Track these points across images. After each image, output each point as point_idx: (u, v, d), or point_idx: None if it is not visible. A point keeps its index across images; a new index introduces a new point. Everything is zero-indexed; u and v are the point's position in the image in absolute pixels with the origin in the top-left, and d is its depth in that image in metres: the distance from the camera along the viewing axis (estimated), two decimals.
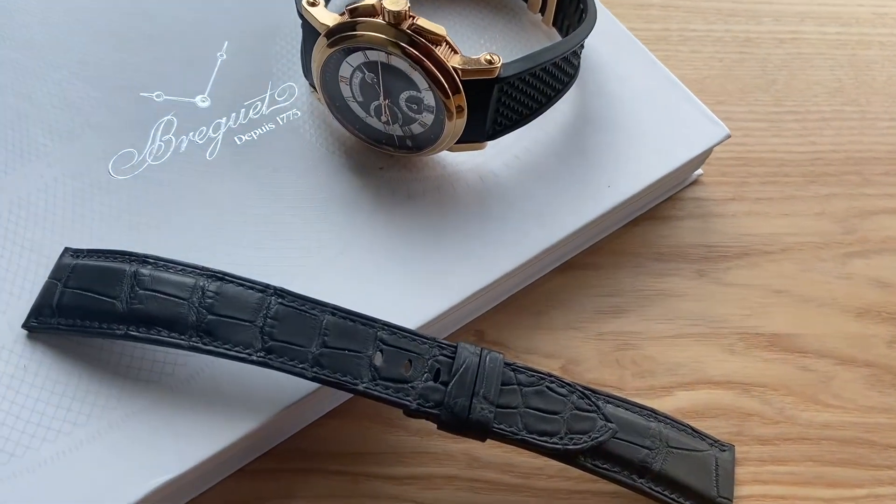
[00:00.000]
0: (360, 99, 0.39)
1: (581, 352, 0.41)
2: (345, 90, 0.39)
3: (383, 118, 0.39)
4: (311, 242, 0.39)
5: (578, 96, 0.44)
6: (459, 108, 0.37)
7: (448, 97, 0.36)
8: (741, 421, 0.40)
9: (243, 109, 0.42)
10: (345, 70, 0.37)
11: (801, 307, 0.43)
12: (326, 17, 0.36)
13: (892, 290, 0.44)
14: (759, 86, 0.51)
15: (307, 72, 0.41)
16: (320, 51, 0.37)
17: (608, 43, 0.45)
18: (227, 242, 0.38)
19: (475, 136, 0.39)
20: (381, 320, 0.34)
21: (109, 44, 0.43)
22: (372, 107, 0.39)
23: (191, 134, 0.41)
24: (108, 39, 0.43)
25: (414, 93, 0.37)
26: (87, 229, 0.38)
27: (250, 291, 0.34)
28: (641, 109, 0.44)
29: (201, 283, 0.34)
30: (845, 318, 0.43)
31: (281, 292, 0.34)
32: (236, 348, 0.33)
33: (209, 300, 0.33)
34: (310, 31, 0.37)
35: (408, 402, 0.33)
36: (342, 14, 0.36)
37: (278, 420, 0.35)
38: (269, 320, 0.33)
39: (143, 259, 0.35)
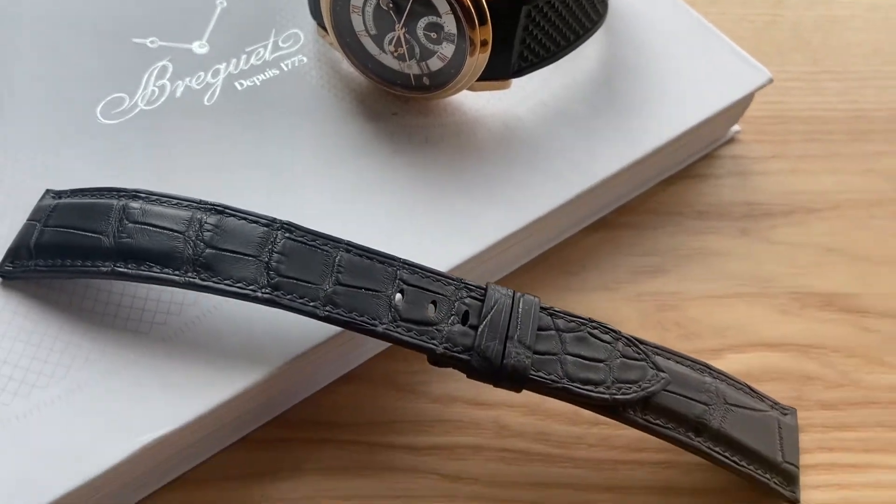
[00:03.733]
0: (373, 32, 0.35)
1: (620, 313, 0.37)
2: (356, 22, 0.35)
3: (398, 52, 0.36)
4: (323, 185, 0.35)
5: (607, 43, 0.41)
6: (483, 39, 0.34)
7: (471, 19, 0.33)
8: (801, 385, 0.36)
9: (244, 55, 0.39)
10: None
11: (856, 265, 0.39)
12: None
13: None
14: (794, 47, 0.48)
15: (315, 10, 0.37)
16: None
17: None
18: (229, 187, 0.34)
19: (499, 72, 0.36)
20: (400, 258, 0.30)
21: None
22: (386, 40, 0.35)
23: (187, 79, 0.37)
24: None
25: (434, 19, 0.34)
26: (71, 174, 0.34)
27: (254, 225, 0.30)
28: (675, 55, 0.41)
29: (199, 217, 0.30)
30: None
31: (289, 226, 0.30)
32: (238, 284, 0.29)
33: (208, 233, 0.30)
34: None
35: (433, 346, 0.29)
36: None
37: (284, 376, 0.31)
38: (275, 255, 0.29)
39: (133, 193, 0.31)
